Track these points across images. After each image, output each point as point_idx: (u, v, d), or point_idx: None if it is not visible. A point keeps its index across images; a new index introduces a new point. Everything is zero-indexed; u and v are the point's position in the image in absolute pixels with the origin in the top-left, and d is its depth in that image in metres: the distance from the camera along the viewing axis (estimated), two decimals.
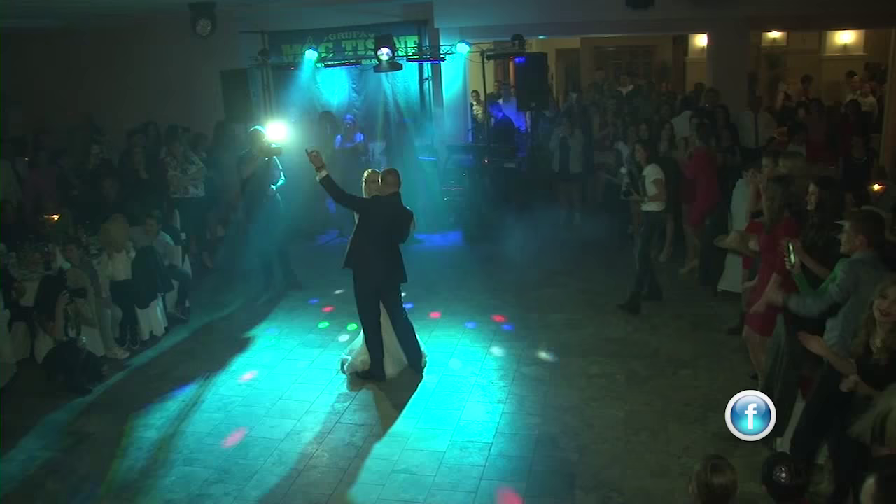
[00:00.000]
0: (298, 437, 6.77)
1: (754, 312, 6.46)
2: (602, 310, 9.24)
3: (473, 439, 6.56)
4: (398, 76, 13.30)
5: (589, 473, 6.00)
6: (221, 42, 12.79)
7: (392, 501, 5.79)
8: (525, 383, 7.53)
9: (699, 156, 9.78)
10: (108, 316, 8.72)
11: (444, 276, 10.49)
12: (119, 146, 12.52)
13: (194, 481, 6.20)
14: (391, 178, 7.51)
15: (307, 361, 8.28)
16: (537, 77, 11.98)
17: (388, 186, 7.49)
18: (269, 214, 10.00)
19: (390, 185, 7.49)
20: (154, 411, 7.41)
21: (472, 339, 8.60)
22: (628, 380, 7.51)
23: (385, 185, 7.52)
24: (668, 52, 20.77)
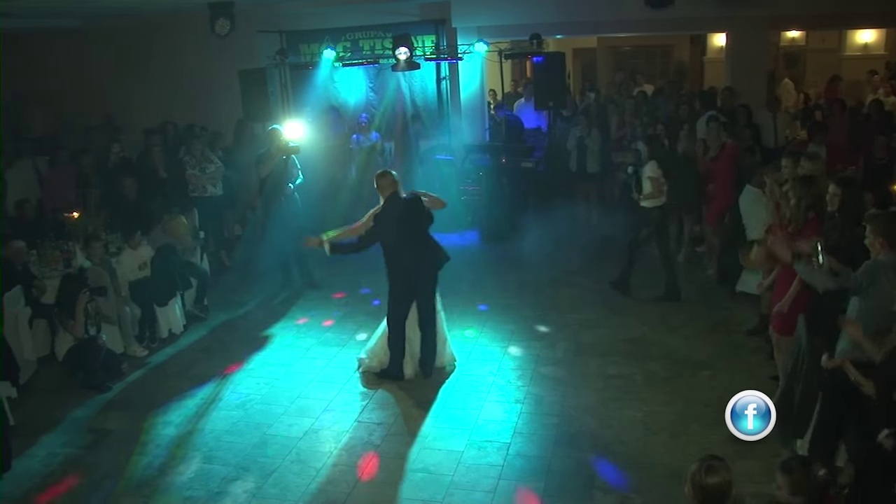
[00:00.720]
0: (317, 435, 6.79)
1: (776, 312, 6.43)
2: (619, 310, 9.22)
3: (491, 439, 6.55)
4: (415, 75, 13.31)
5: (607, 474, 5.99)
6: (239, 41, 12.82)
7: (410, 501, 5.80)
8: (543, 383, 7.52)
9: (728, 153, 9.72)
10: (128, 314, 8.77)
11: (461, 276, 10.44)
12: (138, 145, 12.56)
13: (213, 478, 6.23)
14: (383, 181, 7.54)
15: (325, 360, 8.30)
16: (555, 76, 11.94)
17: (383, 190, 7.53)
18: (287, 213, 10.05)
19: (384, 189, 7.52)
20: (173, 409, 7.45)
21: (490, 339, 8.60)
22: (646, 380, 7.48)
23: (380, 189, 7.56)
24: (685, 51, 20.66)
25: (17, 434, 6.88)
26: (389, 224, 7.48)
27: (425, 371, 7.75)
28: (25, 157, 11.98)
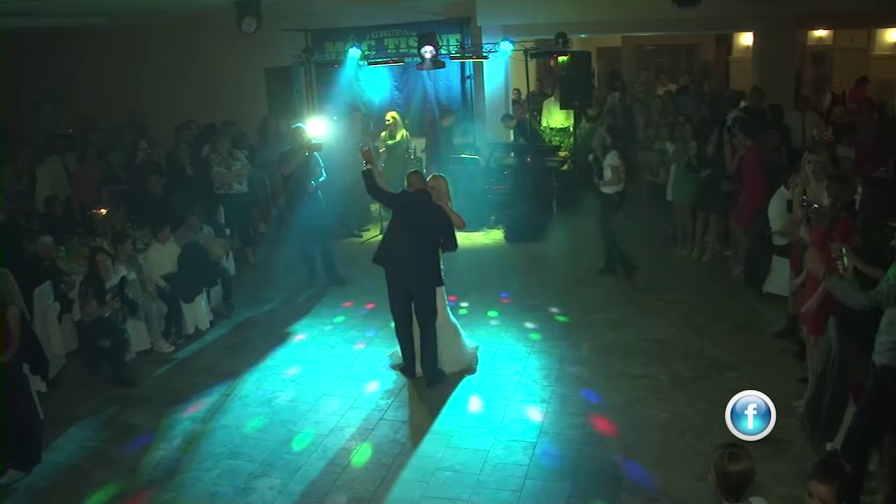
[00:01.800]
0: (342, 432, 6.80)
1: (806, 311, 6.37)
2: (644, 310, 9.16)
3: (517, 438, 6.54)
4: (440, 74, 13.32)
5: (634, 475, 5.96)
6: (265, 40, 12.88)
7: (436, 499, 5.79)
8: (568, 383, 7.49)
9: (750, 154, 9.66)
10: (154, 310, 8.82)
11: (485, 275, 10.48)
12: (165, 143, 12.65)
13: (239, 475, 6.26)
14: (412, 178, 7.71)
15: (350, 358, 8.32)
16: (581, 75, 11.90)
17: (410, 187, 7.66)
18: (310, 210, 10.09)
19: (411, 186, 7.65)
20: (199, 404, 7.50)
21: (515, 338, 8.57)
22: (672, 381, 7.43)
23: (408, 185, 7.70)
24: (710, 51, 20.53)
25: (45, 427, 6.94)
26: (404, 209, 7.63)
27: (426, 379, 7.66)
28: (55, 153, 12.07)
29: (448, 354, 7.76)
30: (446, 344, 7.75)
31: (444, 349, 7.70)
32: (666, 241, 11.40)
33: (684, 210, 10.78)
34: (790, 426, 6.34)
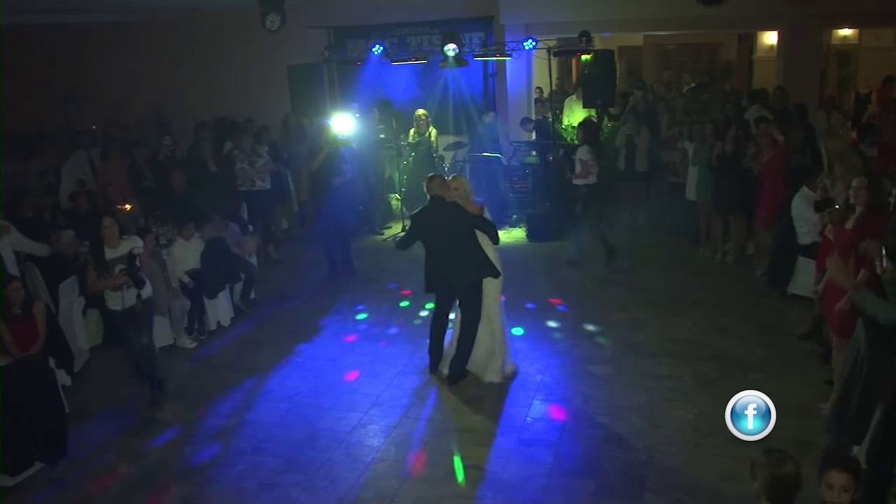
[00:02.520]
0: (365, 429, 6.81)
1: (836, 312, 6.31)
2: (667, 310, 9.11)
3: (541, 437, 6.53)
4: (462, 72, 13.29)
5: (658, 475, 5.93)
6: (288, 37, 12.91)
7: (460, 497, 5.79)
8: (592, 382, 7.47)
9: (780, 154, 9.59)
10: (178, 306, 8.86)
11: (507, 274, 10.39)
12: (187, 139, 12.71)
13: (263, 470, 6.28)
14: (431, 184, 7.61)
15: (372, 355, 8.34)
16: (605, 74, 11.85)
17: (429, 191, 7.58)
18: (335, 206, 10.13)
19: (430, 190, 7.57)
20: (222, 400, 7.54)
21: (537, 337, 8.55)
22: (696, 382, 7.38)
23: (427, 190, 7.62)
24: (732, 50, 20.41)
25: (70, 421, 6.98)
26: (427, 224, 7.56)
27: (449, 376, 7.62)
28: (80, 149, 12.16)
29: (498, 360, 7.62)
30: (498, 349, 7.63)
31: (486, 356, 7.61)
32: (688, 241, 11.33)
33: (707, 210, 10.71)
34: (816, 428, 6.32)
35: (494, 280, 7.57)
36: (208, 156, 11.42)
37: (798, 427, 6.42)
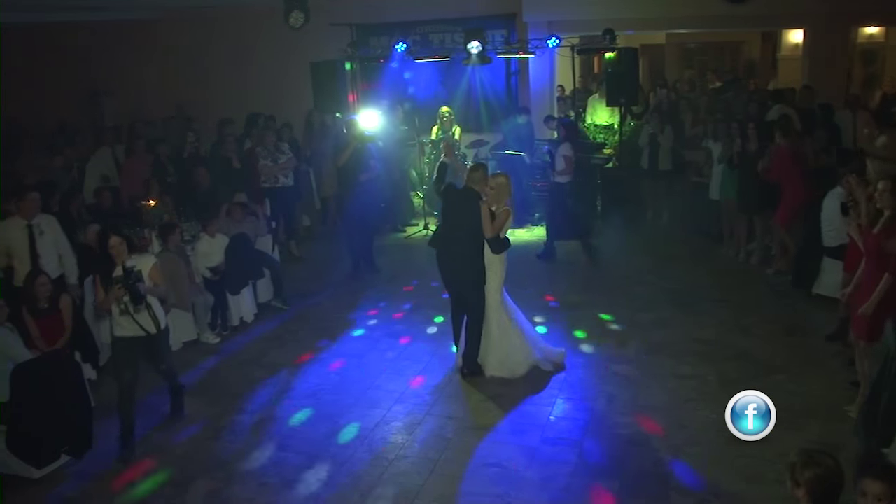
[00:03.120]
0: (388, 426, 6.82)
1: (860, 315, 6.26)
2: (690, 309, 9.07)
3: (564, 436, 6.51)
4: (485, 70, 13.27)
5: (683, 476, 5.90)
6: (311, 34, 12.95)
7: (483, 495, 5.77)
8: (615, 382, 7.44)
9: (780, 154, 9.52)
10: (201, 301, 8.90)
11: (530, 272, 10.43)
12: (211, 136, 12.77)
13: (287, 466, 6.29)
14: (471, 175, 7.66)
15: (395, 352, 8.35)
16: (628, 73, 11.81)
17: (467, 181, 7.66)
18: (361, 202, 10.16)
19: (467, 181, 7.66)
20: (246, 396, 7.56)
21: (561, 336, 8.51)
22: (720, 382, 7.32)
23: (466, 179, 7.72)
24: (755, 48, 20.26)
25: (95, 415, 7.01)
26: (447, 202, 7.78)
27: (461, 370, 7.71)
28: (105, 146, 12.24)
29: (494, 356, 7.64)
30: (496, 345, 7.62)
31: (491, 350, 7.62)
32: (711, 240, 11.27)
33: (730, 209, 10.65)
34: (842, 431, 6.26)
35: (494, 277, 7.55)
36: (232, 152, 11.46)
37: (824, 429, 6.40)
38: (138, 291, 6.51)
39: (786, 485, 5.38)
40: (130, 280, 6.48)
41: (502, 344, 7.60)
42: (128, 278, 6.47)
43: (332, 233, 12.68)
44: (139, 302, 6.57)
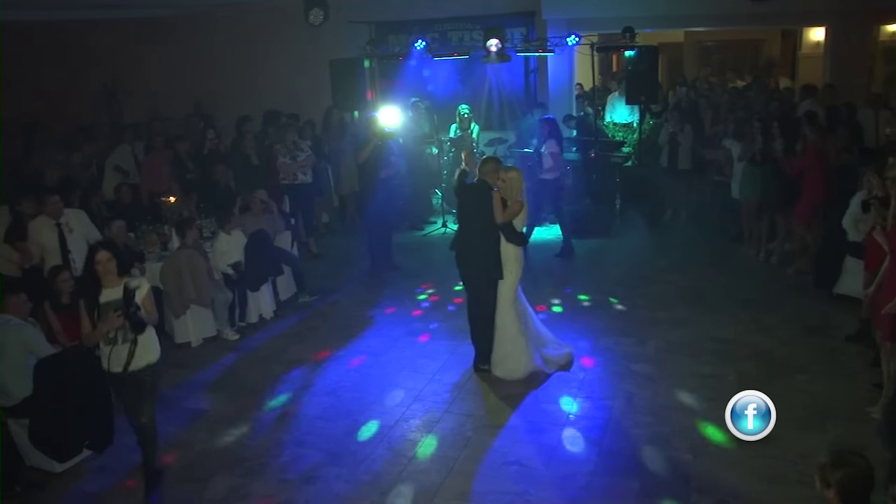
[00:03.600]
0: (407, 424, 6.82)
1: (884, 314, 6.20)
2: (710, 309, 9.02)
3: (584, 435, 6.49)
4: (504, 68, 13.23)
5: (704, 476, 5.87)
6: (330, 32, 12.97)
7: (503, 493, 5.77)
8: (634, 381, 7.41)
9: (811, 150, 9.45)
10: (221, 298, 8.93)
11: (549, 271, 10.43)
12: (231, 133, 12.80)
13: (306, 463, 6.32)
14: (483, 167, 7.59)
15: (414, 350, 8.35)
16: (648, 71, 11.75)
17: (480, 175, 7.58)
18: (381, 199, 10.19)
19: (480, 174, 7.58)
20: (265, 392, 7.59)
21: (579, 335, 8.49)
22: (740, 382, 7.25)
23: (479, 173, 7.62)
24: (775, 46, 20.11)
25: (116, 410, 7.05)
26: (461, 197, 7.82)
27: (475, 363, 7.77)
28: (124, 143, 12.30)
29: (495, 354, 7.62)
30: (498, 344, 7.59)
31: (495, 348, 7.61)
32: (731, 239, 11.21)
33: (751, 209, 10.58)
34: (865, 432, 6.21)
35: (509, 275, 7.49)
36: (251, 149, 11.49)
37: (846, 430, 6.36)
38: (141, 321, 5.67)
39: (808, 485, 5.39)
40: (132, 307, 5.61)
41: (504, 344, 7.56)
42: (129, 304, 5.60)
43: (350, 230, 12.69)
44: (140, 330, 5.70)
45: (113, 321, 5.54)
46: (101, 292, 5.68)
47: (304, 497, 5.90)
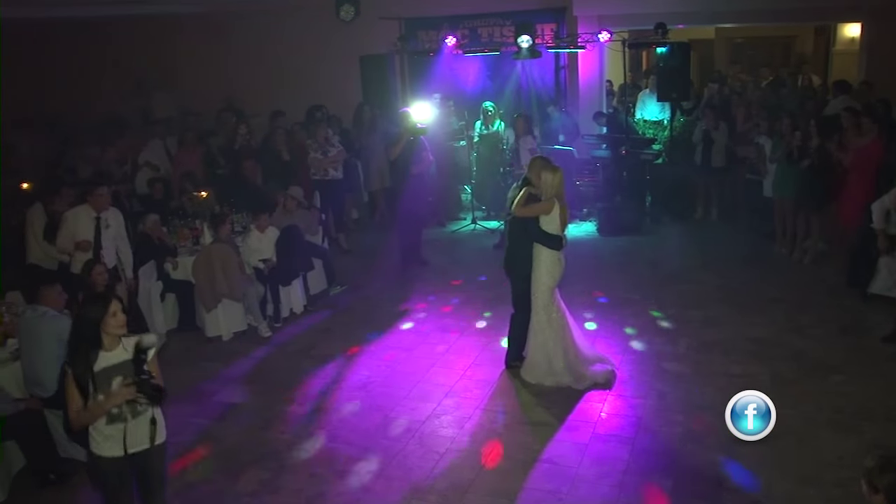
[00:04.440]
0: (439, 420, 6.82)
1: None
2: (742, 308, 8.92)
3: (616, 433, 6.45)
4: (533, 64, 13.20)
5: (736, 476, 5.82)
6: (361, 27, 12.99)
7: (535, 490, 5.76)
8: (666, 379, 7.36)
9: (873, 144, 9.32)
10: (252, 292, 8.97)
11: (580, 269, 10.31)
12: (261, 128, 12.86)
13: (337, 458, 6.33)
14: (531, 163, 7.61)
15: (445, 345, 8.34)
16: (680, 68, 11.66)
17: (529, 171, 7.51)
18: (413, 195, 10.20)
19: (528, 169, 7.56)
20: (297, 386, 7.62)
21: (611, 333, 8.46)
22: (773, 382, 7.19)
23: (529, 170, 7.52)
24: (808, 43, 19.88)
25: None
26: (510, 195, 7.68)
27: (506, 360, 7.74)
28: (157, 138, 12.39)
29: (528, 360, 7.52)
30: (530, 349, 7.49)
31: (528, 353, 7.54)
32: (764, 238, 11.10)
33: (785, 207, 10.45)
34: None
35: (544, 275, 7.33)
36: (282, 145, 11.53)
37: (882, 431, 6.29)
38: (159, 388, 4.56)
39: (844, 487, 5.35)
40: (144, 374, 4.46)
41: (535, 351, 7.45)
42: (139, 369, 4.48)
43: (379, 226, 12.70)
44: (159, 400, 4.63)
45: (123, 393, 4.45)
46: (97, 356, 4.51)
47: (334, 492, 5.91)
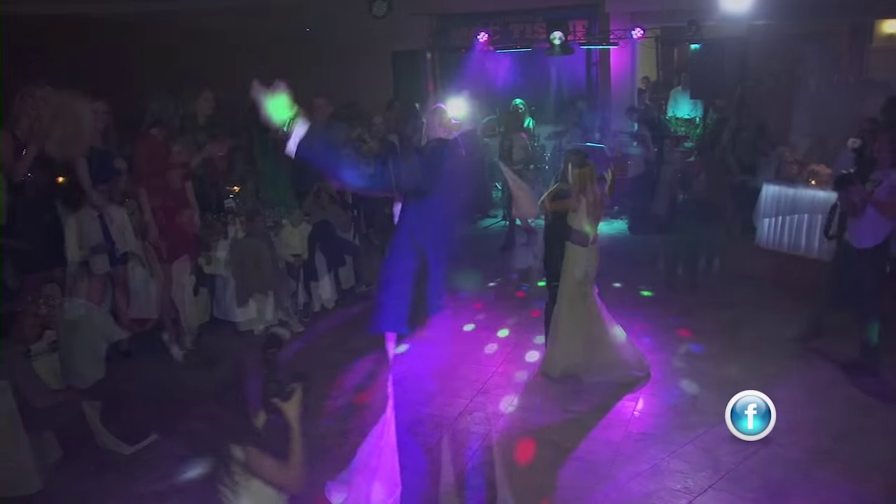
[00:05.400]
0: (471, 416, 6.80)
1: None
2: (777, 308, 8.86)
3: (649, 432, 6.41)
4: (565, 61, 13.16)
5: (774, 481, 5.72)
6: (393, 23, 12.97)
7: (568, 488, 5.73)
8: (699, 380, 7.29)
9: None
10: (284, 287, 9.00)
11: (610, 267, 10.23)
12: None
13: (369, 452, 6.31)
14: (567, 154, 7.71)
15: (477, 342, 8.34)
16: (714, 65, 11.57)
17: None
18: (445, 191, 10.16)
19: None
20: (327, 381, 7.61)
21: (643, 331, 8.40)
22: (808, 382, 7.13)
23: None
24: (843, 40, 19.58)
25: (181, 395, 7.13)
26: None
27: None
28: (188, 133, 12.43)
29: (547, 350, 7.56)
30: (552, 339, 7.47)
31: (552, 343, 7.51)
32: None
33: None
34: None
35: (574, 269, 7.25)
36: None
37: None
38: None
39: None
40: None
41: (553, 342, 7.43)
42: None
43: None
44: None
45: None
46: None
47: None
